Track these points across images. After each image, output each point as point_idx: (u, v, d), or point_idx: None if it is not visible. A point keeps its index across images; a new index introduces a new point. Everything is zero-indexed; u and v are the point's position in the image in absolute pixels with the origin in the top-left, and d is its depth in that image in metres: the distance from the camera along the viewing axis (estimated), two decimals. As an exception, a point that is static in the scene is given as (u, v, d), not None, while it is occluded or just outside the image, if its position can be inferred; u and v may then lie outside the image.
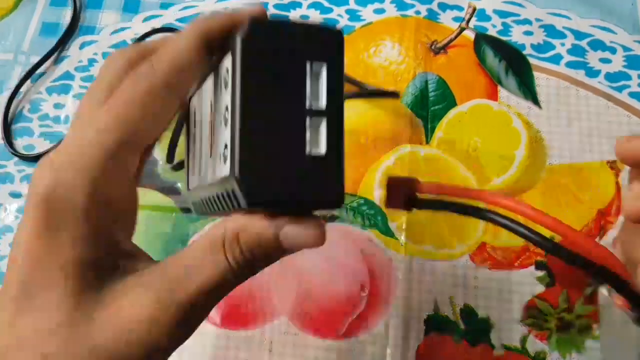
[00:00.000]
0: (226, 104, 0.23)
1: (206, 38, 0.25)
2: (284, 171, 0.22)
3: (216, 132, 0.25)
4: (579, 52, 0.48)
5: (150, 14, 0.51)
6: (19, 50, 0.50)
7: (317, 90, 0.23)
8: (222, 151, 0.24)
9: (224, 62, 0.24)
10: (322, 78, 0.23)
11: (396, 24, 0.49)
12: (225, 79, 0.24)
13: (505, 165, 0.44)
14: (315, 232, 0.23)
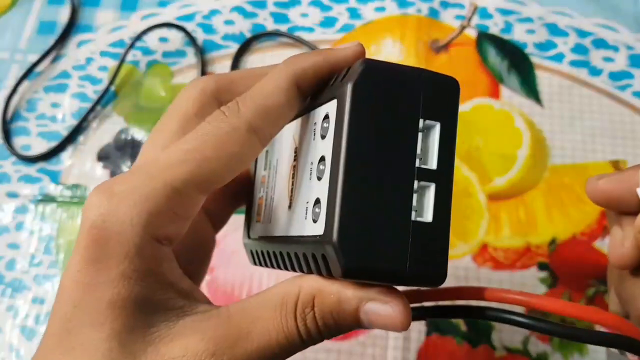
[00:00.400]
0: (322, 155, 0.21)
1: (298, 80, 0.23)
2: (385, 238, 0.20)
3: (301, 183, 0.23)
4: (582, 50, 0.48)
5: (148, 12, 0.51)
6: (16, 49, 0.50)
7: (428, 149, 0.21)
8: (310, 207, 0.22)
9: (320, 107, 0.23)
10: (435, 136, 0.21)
11: (397, 23, 0.49)
12: (322, 127, 0.22)
13: (508, 165, 0.44)
14: (401, 315, 0.21)
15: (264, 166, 0.29)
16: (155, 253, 0.21)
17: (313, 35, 0.49)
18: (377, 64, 0.21)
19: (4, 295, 0.41)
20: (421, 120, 0.21)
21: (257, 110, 0.22)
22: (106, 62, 0.49)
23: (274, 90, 0.23)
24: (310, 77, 0.23)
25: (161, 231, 0.21)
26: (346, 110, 0.20)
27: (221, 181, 0.23)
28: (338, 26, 0.49)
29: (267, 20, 0.50)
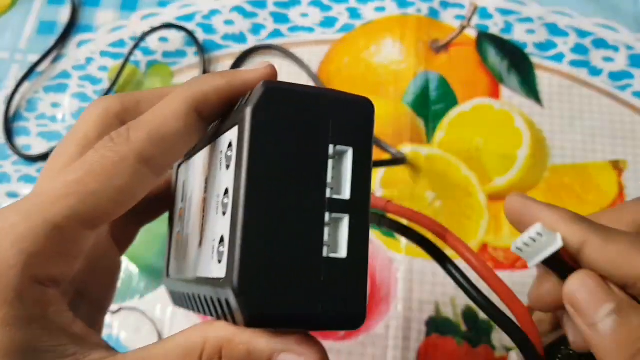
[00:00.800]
0: (226, 187, 0.19)
1: (199, 104, 0.21)
2: (294, 279, 0.18)
3: (209, 219, 0.21)
4: (582, 50, 0.48)
5: (148, 12, 0.51)
6: (16, 49, 0.50)
7: (340, 177, 0.19)
8: (216, 245, 0.20)
9: (225, 134, 0.21)
10: (347, 163, 0.19)
11: (397, 23, 0.49)
12: (226, 155, 0.20)
13: (508, 165, 0.44)
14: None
15: (181, 197, 0.26)
16: (39, 297, 0.19)
17: (313, 35, 0.49)
18: (279, 86, 0.19)
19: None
20: (331, 146, 0.19)
21: (150, 137, 0.20)
22: (106, 62, 0.49)
23: (170, 116, 0.20)
24: (213, 102, 0.21)
25: (44, 273, 0.19)
26: (246, 137, 0.18)
27: (109, 216, 0.20)
28: (338, 26, 0.49)
29: (267, 20, 0.50)
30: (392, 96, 0.46)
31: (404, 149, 0.44)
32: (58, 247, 0.20)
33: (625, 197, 0.43)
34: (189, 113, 0.21)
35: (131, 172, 0.20)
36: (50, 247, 0.19)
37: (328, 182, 0.19)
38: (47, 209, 0.19)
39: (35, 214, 0.19)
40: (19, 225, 0.19)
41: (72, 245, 0.20)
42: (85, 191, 0.20)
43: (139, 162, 0.20)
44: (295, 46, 0.49)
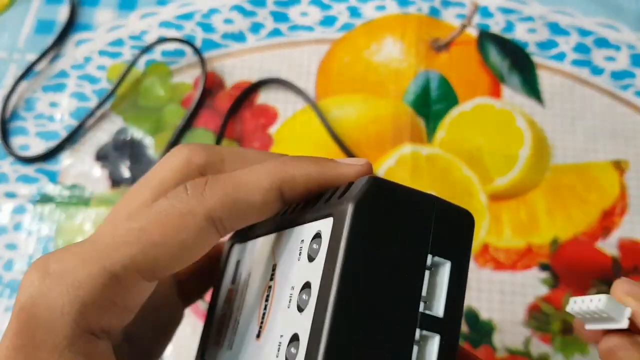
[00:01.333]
0: (306, 281, 0.18)
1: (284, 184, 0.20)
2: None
3: (277, 311, 0.20)
4: (584, 50, 0.47)
5: (147, 11, 0.50)
6: (14, 48, 0.49)
7: (435, 291, 0.18)
8: (284, 343, 0.18)
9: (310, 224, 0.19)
10: (444, 277, 0.18)
11: (397, 21, 0.49)
12: (310, 247, 0.19)
13: (509, 165, 0.43)
14: None
15: (231, 278, 0.25)
16: (89, 348, 0.18)
17: (313, 34, 0.49)
18: (385, 184, 0.18)
19: (3, 296, 0.40)
20: (429, 257, 0.18)
21: (224, 199, 0.20)
22: (105, 61, 0.48)
23: (252, 186, 0.20)
24: (299, 187, 0.20)
25: (97, 323, 0.19)
26: (344, 232, 0.17)
27: (169, 269, 0.20)
28: (338, 25, 0.49)
29: (266, 19, 0.49)
30: (392, 95, 0.46)
31: (405, 150, 0.44)
32: (114, 297, 0.19)
33: (627, 198, 0.43)
34: (272, 190, 0.20)
35: (198, 228, 0.19)
36: (106, 296, 0.19)
37: (422, 295, 0.17)
38: (106, 256, 0.19)
39: (94, 260, 0.19)
40: (76, 271, 0.18)
41: (128, 295, 0.19)
42: (147, 241, 0.19)
43: (207, 220, 0.19)
44: (295, 45, 0.48)
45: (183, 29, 0.49)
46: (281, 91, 0.47)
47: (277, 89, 0.47)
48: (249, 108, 0.46)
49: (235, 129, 0.45)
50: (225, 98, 0.46)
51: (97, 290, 0.18)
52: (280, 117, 0.46)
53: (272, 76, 0.47)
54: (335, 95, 0.46)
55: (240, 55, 0.48)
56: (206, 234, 0.19)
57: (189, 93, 0.47)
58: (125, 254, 0.19)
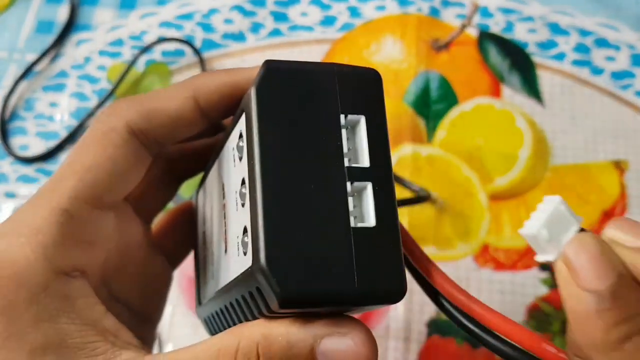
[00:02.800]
0: (242, 177, 0.19)
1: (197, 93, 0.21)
2: (325, 253, 0.17)
3: (230, 221, 0.20)
4: (584, 50, 0.47)
5: (147, 11, 0.50)
6: (14, 48, 0.49)
7: (356, 146, 0.18)
8: (240, 240, 0.19)
9: (233, 130, 0.20)
10: (362, 130, 0.18)
11: (397, 21, 0.49)
12: (238, 147, 0.19)
13: (509, 165, 0.43)
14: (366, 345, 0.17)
15: (202, 221, 0.26)
16: (65, 289, 0.18)
17: (313, 34, 0.49)
18: (281, 64, 0.18)
19: (2, 296, 0.40)
20: (342, 116, 0.18)
21: (141, 110, 0.20)
22: (105, 61, 0.48)
23: (166, 96, 0.21)
24: (214, 94, 0.21)
25: (66, 262, 0.19)
26: (253, 119, 0.18)
27: (111, 191, 0.20)
28: (338, 25, 0.49)
29: (266, 19, 0.49)
30: (392, 95, 0.46)
31: (405, 150, 0.44)
32: (72, 232, 0.19)
33: (627, 198, 0.43)
34: (186, 98, 0.21)
35: (122, 141, 0.20)
36: (65, 233, 0.19)
37: (345, 152, 0.18)
38: (52, 197, 0.19)
39: (42, 204, 0.19)
40: (30, 219, 0.19)
41: (85, 227, 0.19)
42: (82, 168, 0.19)
43: (128, 132, 0.20)
44: (295, 45, 0.48)
45: (183, 29, 0.49)
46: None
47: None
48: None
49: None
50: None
51: (54, 230, 0.18)
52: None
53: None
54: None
55: (240, 55, 0.48)
56: (132, 147, 0.20)
57: (189, 93, 0.47)
58: (67, 187, 0.19)
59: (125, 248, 0.23)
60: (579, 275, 0.17)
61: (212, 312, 0.23)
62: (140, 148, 0.21)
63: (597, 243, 0.17)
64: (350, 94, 0.19)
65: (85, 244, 0.20)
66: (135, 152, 0.20)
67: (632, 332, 0.16)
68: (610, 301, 0.16)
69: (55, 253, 0.18)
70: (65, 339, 0.18)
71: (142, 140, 0.21)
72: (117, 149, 0.20)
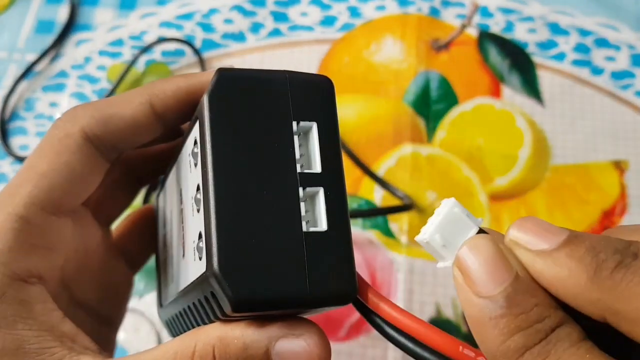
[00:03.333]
0: (197, 183, 0.19)
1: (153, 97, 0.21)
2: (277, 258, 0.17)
3: (187, 226, 0.20)
4: (584, 50, 0.47)
5: (147, 11, 0.50)
6: (14, 48, 0.49)
7: (309, 152, 0.19)
8: (195, 245, 0.19)
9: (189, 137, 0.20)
10: (314, 137, 0.19)
11: (397, 21, 0.49)
12: (193, 153, 0.20)
13: (509, 165, 0.43)
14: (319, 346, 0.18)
15: (163, 223, 0.26)
16: (22, 295, 0.18)
17: (313, 34, 0.49)
18: (233, 72, 0.19)
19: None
20: (294, 123, 0.18)
21: (96, 116, 0.20)
22: (104, 61, 0.48)
23: (122, 101, 0.21)
24: (169, 98, 0.21)
25: (22, 268, 0.19)
26: (206, 125, 0.18)
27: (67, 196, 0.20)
28: (338, 25, 0.49)
29: (266, 19, 0.49)
30: (392, 95, 0.46)
31: (405, 150, 0.44)
32: (28, 238, 0.19)
33: (627, 198, 0.43)
34: (141, 103, 0.21)
35: (77, 147, 0.20)
36: (21, 239, 0.19)
37: (297, 158, 0.18)
38: (8, 203, 0.19)
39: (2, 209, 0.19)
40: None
41: (42, 233, 0.20)
42: (37, 175, 0.19)
43: (83, 137, 0.20)
44: (295, 45, 0.48)
45: (183, 29, 0.49)
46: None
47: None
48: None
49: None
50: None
51: (10, 236, 0.19)
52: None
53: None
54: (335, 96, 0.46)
55: (240, 55, 0.48)
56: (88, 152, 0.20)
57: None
58: (23, 194, 0.19)
59: (84, 253, 0.23)
60: (472, 279, 0.16)
61: (172, 314, 0.23)
62: (96, 153, 0.21)
63: (491, 245, 0.16)
64: (303, 100, 0.19)
65: (42, 249, 0.20)
66: (91, 157, 0.21)
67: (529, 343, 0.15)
68: (505, 307, 0.15)
69: (11, 259, 0.19)
70: (22, 345, 0.18)
71: (98, 145, 0.21)
72: (73, 155, 0.20)
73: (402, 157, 0.44)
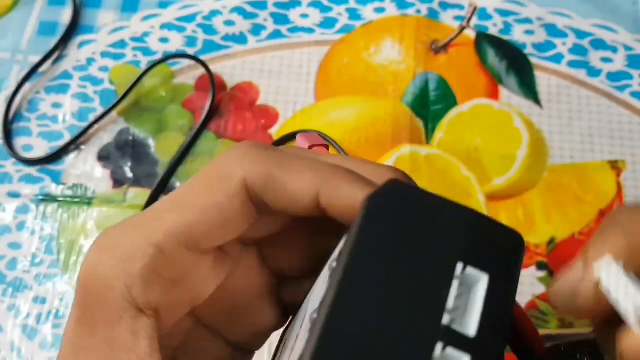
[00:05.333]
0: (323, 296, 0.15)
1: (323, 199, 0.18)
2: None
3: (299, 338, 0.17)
4: (581, 51, 0.48)
5: (149, 13, 0.51)
6: (17, 49, 0.50)
7: (467, 308, 0.15)
8: None
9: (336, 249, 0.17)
10: (480, 291, 0.15)
11: (396, 23, 0.49)
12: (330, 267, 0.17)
13: (507, 165, 0.44)
14: None
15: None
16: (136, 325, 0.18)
17: (313, 36, 0.49)
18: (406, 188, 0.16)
19: (6, 295, 0.41)
20: (459, 264, 0.15)
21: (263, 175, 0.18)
22: (107, 62, 0.49)
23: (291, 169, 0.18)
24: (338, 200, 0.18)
25: (142, 297, 0.18)
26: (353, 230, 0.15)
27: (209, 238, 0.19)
28: (338, 27, 0.49)
29: (267, 21, 0.50)
30: (391, 96, 0.46)
31: (404, 150, 0.44)
32: (158, 268, 0.18)
33: (624, 197, 0.43)
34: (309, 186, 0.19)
35: (233, 193, 0.19)
36: (151, 268, 0.18)
37: (448, 308, 0.14)
38: (150, 227, 0.18)
39: (140, 232, 0.18)
40: (124, 244, 0.18)
41: (172, 267, 0.19)
42: (186, 206, 0.19)
43: (243, 186, 0.19)
44: (295, 47, 0.49)
45: (184, 30, 0.50)
46: (282, 92, 0.47)
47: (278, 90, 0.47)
48: (250, 109, 0.47)
49: (237, 129, 0.46)
50: (226, 99, 0.47)
51: (142, 262, 0.18)
52: (281, 118, 0.46)
53: (272, 77, 0.47)
54: (335, 97, 0.47)
55: (241, 57, 0.49)
56: (242, 201, 0.19)
57: (190, 94, 0.47)
58: (167, 221, 0.18)
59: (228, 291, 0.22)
60: None
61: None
62: (248, 204, 0.19)
63: None
64: (480, 246, 0.15)
65: (166, 281, 0.19)
66: (244, 206, 0.19)
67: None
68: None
69: (135, 285, 0.18)
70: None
71: (252, 198, 0.19)
72: (226, 199, 0.19)
73: (400, 158, 0.44)
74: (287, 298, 0.23)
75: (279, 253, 0.22)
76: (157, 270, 0.18)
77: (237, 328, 0.23)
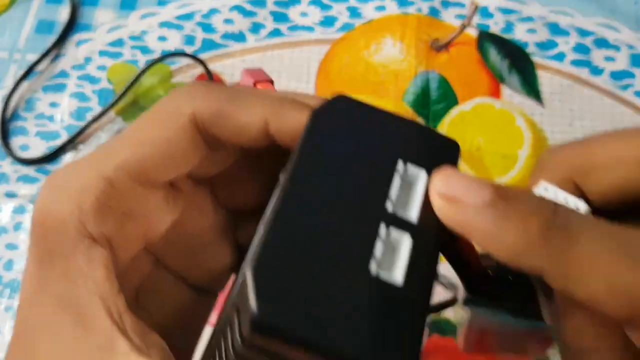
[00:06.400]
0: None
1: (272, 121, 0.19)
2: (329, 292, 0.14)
3: None
4: (583, 50, 0.48)
5: (147, 11, 0.50)
6: (14, 48, 0.49)
7: (408, 199, 0.16)
8: None
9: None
10: (419, 187, 0.16)
11: (397, 22, 0.49)
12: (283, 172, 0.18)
13: (509, 164, 0.44)
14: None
15: None
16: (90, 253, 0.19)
17: (313, 34, 0.49)
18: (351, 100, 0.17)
19: (3, 296, 0.40)
20: (400, 162, 0.16)
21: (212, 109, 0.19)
22: (105, 61, 0.48)
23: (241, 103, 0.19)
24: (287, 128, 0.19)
25: (95, 228, 0.19)
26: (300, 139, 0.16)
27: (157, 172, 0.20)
28: (338, 25, 0.49)
29: (266, 19, 0.50)
30: (392, 95, 0.46)
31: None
32: (109, 201, 0.19)
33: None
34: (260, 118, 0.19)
35: (182, 128, 0.19)
36: (101, 201, 0.19)
37: (391, 198, 0.16)
38: (102, 162, 0.19)
39: (92, 167, 0.19)
40: (77, 180, 0.19)
41: (122, 200, 0.19)
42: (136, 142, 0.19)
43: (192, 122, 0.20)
44: (295, 45, 0.49)
45: (183, 29, 0.49)
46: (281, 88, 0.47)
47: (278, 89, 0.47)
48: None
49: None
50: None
51: (93, 195, 0.19)
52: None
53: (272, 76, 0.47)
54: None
55: (240, 56, 0.48)
56: (191, 136, 0.20)
57: (189, 93, 0.47)
58: (117, 156, 0.19)
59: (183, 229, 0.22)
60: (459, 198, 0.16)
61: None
62: (198, 139, 0.20)
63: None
64: (418, 149, 0.17)
65: (118, 214, 0.19)
66: (193, 141, 0.20)
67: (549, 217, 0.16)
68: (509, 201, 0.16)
69: (88, 218, 0.19)
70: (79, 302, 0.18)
71: (203, 134, 0.20)
72: (176, 133, 0.19)
73: (402, 157, 0.44)
74: (243, 239, 0.24)
75: (234, 190, 0.23)
76: (109, 203, 0.19)
77: (196, 269, 0.23)
